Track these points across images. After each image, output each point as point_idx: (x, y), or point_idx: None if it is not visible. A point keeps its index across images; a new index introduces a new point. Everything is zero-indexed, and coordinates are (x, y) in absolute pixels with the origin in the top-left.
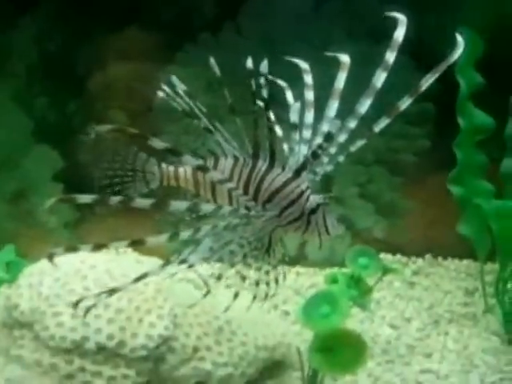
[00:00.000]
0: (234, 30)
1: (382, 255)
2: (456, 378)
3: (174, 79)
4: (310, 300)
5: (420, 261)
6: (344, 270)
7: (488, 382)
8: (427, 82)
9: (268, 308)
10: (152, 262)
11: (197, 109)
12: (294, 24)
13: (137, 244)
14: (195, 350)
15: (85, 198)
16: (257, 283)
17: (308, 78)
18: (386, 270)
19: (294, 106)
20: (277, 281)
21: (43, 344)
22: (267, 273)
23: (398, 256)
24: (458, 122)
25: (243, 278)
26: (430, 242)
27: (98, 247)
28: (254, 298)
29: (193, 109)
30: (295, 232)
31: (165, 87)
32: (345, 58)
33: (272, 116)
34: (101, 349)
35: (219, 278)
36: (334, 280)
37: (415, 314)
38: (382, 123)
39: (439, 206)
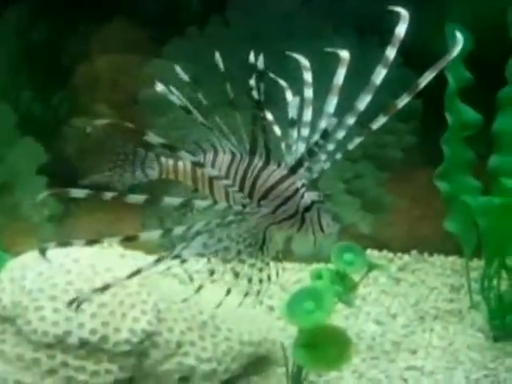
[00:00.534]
0: (221, 24)
1: (368, 251)
2: (441, 374)
3: (178, 70)
4: (294, 296)
5: (406, 257)
6: (330, 265)
7: (473, 378)
8: (425, 79)
9: (253, 303)
10: (136, 257)
11: (191, 102)
12: (281, 17)
13: (130, 240)
14: (179, 345)
15: (78, 193)
16: (249, 280)
17: (307, 76)
18: (371, 267)
19: (293, 102)
20: (269, 278)
21: (25, 339)
22: (260, 270)
23: (384, 252)
24: (444, 117)
25: (236, 275)
26: (416, 238)
27: (91, 242)
28: (246, 294)
29: (186, 103)
30: (290, 230)
31: (159, 82)
32: (344, 54)
33: (267, 114)
34: (84, 343)
35: (212, 273)
36: (319, 276)
37: (401, 310)
38: (380, 121)
39: (426, 202)
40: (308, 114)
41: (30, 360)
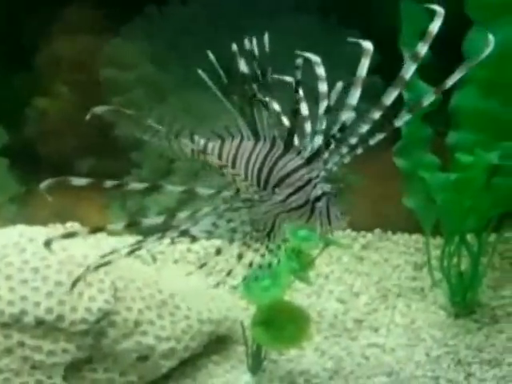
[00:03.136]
0: (180, 2)
1: None
2: (402, 351)
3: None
4: (252, 273)
5: (369, 235)
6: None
7: (433, 355)
8: (453, 79)
9: (216, 282)
10: (97, 238)
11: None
12: None
13: (132, 225)
14: (137, 324)
15: (80, 181)
16: (250, 264)
17: (320, 70)
18: (327, 243)
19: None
20: (270, 265)
21: None
22: (263, 256)
23: (348, 231)
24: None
25: (240, 257)
26: (380, 216)
27: (94, 230)
28: (244, 278)
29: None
30: (299, 219)
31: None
32: (367, 45)
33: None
34: (40, 323)
35: (218, 252)
36: None
37: (363, 288)
38: (404, 118)
39: (388, 180)
40: (323, 108)
41: None
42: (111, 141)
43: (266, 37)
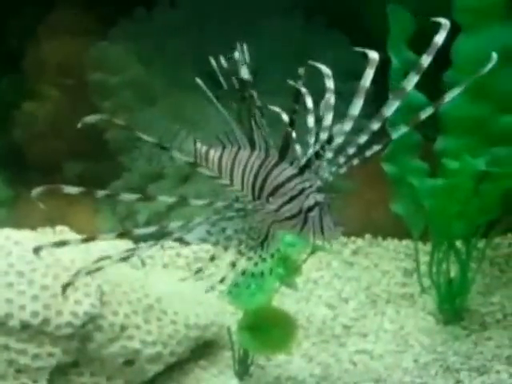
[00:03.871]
0: (169, 5)
1: None
2: (390, 358)
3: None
4: (244, 281)
5: (359, 241)
6: None
7: (422, 362)
8: (452, 95)
9: (204, 287)
10: None
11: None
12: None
13: (124, 235)
14: (123, 328)
15: (71, 190)
16: (243, 272)
17: (329, 83)
18: (314, 249)
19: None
20: (262, 274)
21: None
22: (256, 264)
23: None
24: None
25: (233, 264)
26: (370, 222)
27: (87, 240)
28: (235, 285)
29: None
30: (292, 229)
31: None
32: (373, 55)
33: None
34: (25, 326)
35: (212, 259)
36: None
37: (353, 293)
38: (400, 131)
39: (379, 185)
40: (328, 119)
41: None
42: (101, 144)
43: (245, 48)
